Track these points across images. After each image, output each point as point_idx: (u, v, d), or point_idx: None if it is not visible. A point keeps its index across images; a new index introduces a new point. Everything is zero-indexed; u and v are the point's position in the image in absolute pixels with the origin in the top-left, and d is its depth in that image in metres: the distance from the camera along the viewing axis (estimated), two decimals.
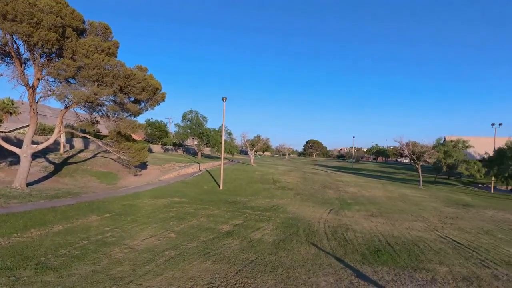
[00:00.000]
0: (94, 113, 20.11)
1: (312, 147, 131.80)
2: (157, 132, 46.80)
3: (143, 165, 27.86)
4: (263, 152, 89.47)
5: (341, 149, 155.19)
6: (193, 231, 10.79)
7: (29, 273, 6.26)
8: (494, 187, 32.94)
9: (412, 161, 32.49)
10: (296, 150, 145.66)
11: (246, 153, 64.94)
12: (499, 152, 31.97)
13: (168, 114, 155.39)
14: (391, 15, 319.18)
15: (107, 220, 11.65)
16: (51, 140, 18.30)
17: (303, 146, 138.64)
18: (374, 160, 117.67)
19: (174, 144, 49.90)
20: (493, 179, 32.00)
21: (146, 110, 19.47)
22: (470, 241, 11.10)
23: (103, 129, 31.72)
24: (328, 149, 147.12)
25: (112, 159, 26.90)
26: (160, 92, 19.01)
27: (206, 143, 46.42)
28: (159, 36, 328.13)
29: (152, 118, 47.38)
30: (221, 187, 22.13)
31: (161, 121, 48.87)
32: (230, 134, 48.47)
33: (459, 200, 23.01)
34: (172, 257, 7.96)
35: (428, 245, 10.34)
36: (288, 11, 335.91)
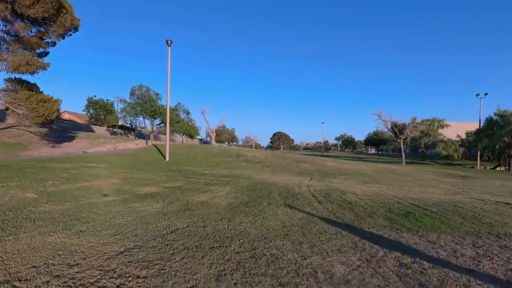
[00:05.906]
0: None
1: (279, 140, 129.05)
2: (101, 112, 39.58)
3: (68, 137, 21.80)
4: (229, 143, 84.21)
5: (307, 143, 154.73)
6: (81, 192, 5.95)
7: None
8: (472, 166, 30.56)
9: (394, 135, 29.77)
10: (263, 146, 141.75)
11: (209, 144, 59.13)
12: (489, 123, 28.21)
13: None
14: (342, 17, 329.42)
15: None
16: None
17: (270, 138, 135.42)
18: (342, 150, 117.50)
19: (123, 127, 42.38)
20: (478, 155, 29.36)
21: (52, 45, 13.63)
22: None
23: None
24: (295, 142, 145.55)
25: (31, 132, 20.75)
26: (69, 14, 13.17)
27: (160, 124, 40.02)
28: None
29: (95, 96, 39.78)
30: (167, 159, 16.93)
31: (107, 99, 41.48)
32: (188, 113, 42.40)
33: (453, 174, 19.91)
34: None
35: (476, 207, 6.57)
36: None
